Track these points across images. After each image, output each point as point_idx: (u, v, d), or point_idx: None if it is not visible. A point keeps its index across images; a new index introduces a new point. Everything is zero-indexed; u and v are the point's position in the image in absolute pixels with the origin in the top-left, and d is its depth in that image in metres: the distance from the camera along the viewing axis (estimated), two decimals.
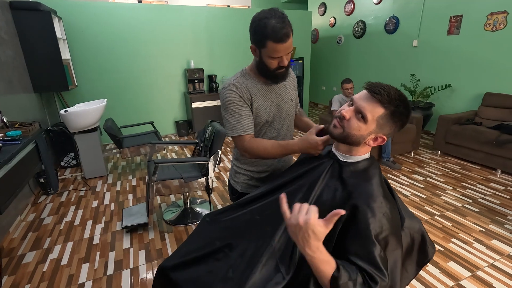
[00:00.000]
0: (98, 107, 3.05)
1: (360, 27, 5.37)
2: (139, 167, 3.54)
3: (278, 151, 1.05)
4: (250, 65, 1.14)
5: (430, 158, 3.57)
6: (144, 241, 2.12)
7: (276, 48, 0.96)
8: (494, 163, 3.10)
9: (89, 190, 2.93)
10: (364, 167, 0.84)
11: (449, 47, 3.97)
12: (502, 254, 1.90)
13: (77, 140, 3.04)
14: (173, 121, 4.90)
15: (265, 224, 0.91)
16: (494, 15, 3.43)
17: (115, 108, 4.29)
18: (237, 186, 1.28)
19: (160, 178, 2.14)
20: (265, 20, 0.93)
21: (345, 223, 0.77)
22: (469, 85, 3.80)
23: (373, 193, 0.76)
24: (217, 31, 4.74)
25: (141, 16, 4.18)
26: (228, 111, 1.08)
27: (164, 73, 4.57)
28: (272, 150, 1.05)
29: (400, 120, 0.78)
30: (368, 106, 0.77)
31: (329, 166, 0.89)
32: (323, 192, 0.84)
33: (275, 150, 1.05)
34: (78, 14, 3.83)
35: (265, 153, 1.07)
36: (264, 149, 1.06)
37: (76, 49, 3.93)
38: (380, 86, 0.76)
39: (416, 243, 0.83)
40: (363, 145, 0.83)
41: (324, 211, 0.81)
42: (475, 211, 2.40)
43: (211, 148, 2.21)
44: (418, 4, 4.27)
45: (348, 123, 0.81)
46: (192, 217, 2.44)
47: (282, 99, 1.16)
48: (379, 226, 0.72)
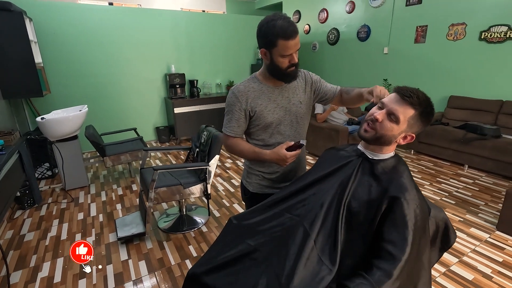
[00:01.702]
0: (79, 114, 2.89)
1: (334, 34, 5.64)
2: (123, 176, 3.39)
3: (251, 156, 1.18)
4: (260, 70, 1.20)
5: (406, 157, 3.85)
6: (143, 251, 2.04)
7: (287, 45, 1.02)
8: (462, 159, 3.43)
9: (72, 202, 2.75)
10: (393, 164, 0.92)
11: (416, 54, 4.32)
12: (481, 240, 2.11)
13: (56, 149, 2.84)
14: (153, 127, 4.76)
15: (300, 221, 0.94)
16: (455, 26, 3.81)
17: (93, 115, 4.07)
18: (249, 187, 1.31)
19: (158, 185, 2.08)
20: (273, 22, 1.01)
21: (383, 214, 0.83)
22: (436, 89, 4.16)
23: (407, 186, 0.83)
24: (197, 36, 4.72)
25: (114, 18, 4.04)
26: (226, 108, 1.20)
27: (144, 78, 4.44)
28: (246, 153, 1.18)
29: (427, 119, 0.87)
30: (400, 108, 0.85)
31: (359, 164, 0.96)
32: (358, 188, 0.90)
33: (249, 155, 1.18)
34: (49, 16, 3.62)
35: (240, 154, 1.21)
36: (240, 151, 1.19)
37: (48, 53, 3.69)
38: (410, 90, 0.84)
39: (440, 230, 0.92)
40: (393, 143, 0.91)
41: (362, 205, 0.87)
42: (452, 203, 2.64)
43: (209, 153, 2.20)
44: (388, 14, 4.60)
45: (380, 125, 0.88)
46: (188, 224, 2.40)
47: (289, 101, 1.20)
48: (414, 216, 0.79)
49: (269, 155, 1.11)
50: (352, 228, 0.87)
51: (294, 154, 1.07)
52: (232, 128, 1.18)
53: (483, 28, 3.53)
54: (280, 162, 1.09)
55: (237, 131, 1.18)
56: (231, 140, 1.20)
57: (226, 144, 1.23)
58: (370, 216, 0.84)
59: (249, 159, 1.24)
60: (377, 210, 0.83)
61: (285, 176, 1.28)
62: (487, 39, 3.51)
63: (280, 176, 1.28)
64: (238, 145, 1.19)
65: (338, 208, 0.89)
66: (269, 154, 1.11)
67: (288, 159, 1.06)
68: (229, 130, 1.18)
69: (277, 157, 1.08)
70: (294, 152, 1.07)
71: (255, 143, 1.22)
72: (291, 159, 1.07)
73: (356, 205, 0.88)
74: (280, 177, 1.28)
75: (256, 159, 1.17)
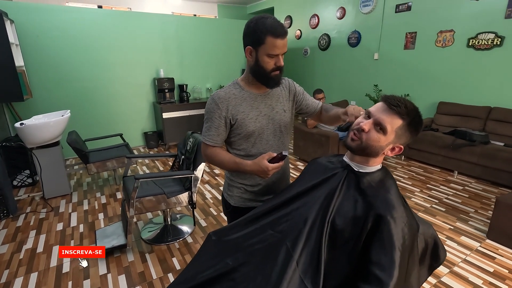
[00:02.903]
0: (60, 119, 2.78)
1: (325, 40, 5.65)
2: (108, 183, 3.28)
3: (231, 167, 1.11)
4: (243, 75, 1.15)
5: (396, 163, 3.83)
6: (123, 264, 1.94)
7: (275, 43, 0.98)
8: (451, 165, 3.42)
9: (51, 212, 2.63)
10: (380, 178, 0.86)
11: (406, 60, 4.34)
12: (471, 249, 2.08)
13: (36, 156, 2.72)
14: (141, 133, 4.65)
15: (282, 239, 0.88)
16: (443, 33, 3.85)
17: (77, 120, 3.95)
18: (231, 200, 1.24)
19: (140, 195, 2.00)
20: (263, 20, 0.98)
21: (369, 233, 0.77)
22: (425, 94, 4.18)
23: (394, 203, 0.78)
24: (187, 40, 4.66)
25: (101, 22, 3.95)
26: (206, 116, 1.13)
27: (132, 82, 4.34)
28: (226, 164, 1.11)
29: (416, 130, 0.82)
30: (387, 118, 0.80)
31: (344, 177, 0.90)
32: (343, 203, 0.84)
33: (229, 166, 1.11)
34: (33, 18, 3.50)
35: (220, 165, 1.14)
36: (220, 161, 1.12)
37: (31, 56, 3.57)
38: (397, 99, 0.80)
39: (429, 247, 0.87)
40: (380, 155, 0.86)
41: (347, 222, 0.82)
42: (442, 210, 2.61)
43: (194, 160, 2.13)
44: (378, 21, 4.63)
45: (367, 135, 0.83)
46: (174, 234, 2.31)
47: (273, 109, 1.15)
48: (402, 236, 0.74)
49: (251, 166, 1.04)
50: (337, 246, 0.81)
51: (277, 166, 1.01)
52: (211, 137, 1.11)
53: (471, 35, 3.56)
54: (262, 174, 1.03)
55: (216, 140, 1.11)
56: (210, 149, 1.13)
57: (205, 153, 1.16)
58: (355, 234, 0.79)
59: (230, 170, 1.17)
60: (363, 228, 0.78)
61: (268, 189, 1.21)
62: (475, 46, 3.54)
63: (263, 189, 1.21)
64: (218, 155, 1.12)
65: (322, 225, 0.83)
66: (250, 165, 1.04)
67: (270, 171, 1.00)
68: (208, 138, 1.11)
69: (259, 169, 1.02)
70: (276, 164, 1.01)
71: (236, 153, 1.15)
72: (273, 171, 1.01)
73: (340, 222, 0.82)
74: (263, 189, 1.21)
75: (237, 170, 1.10)
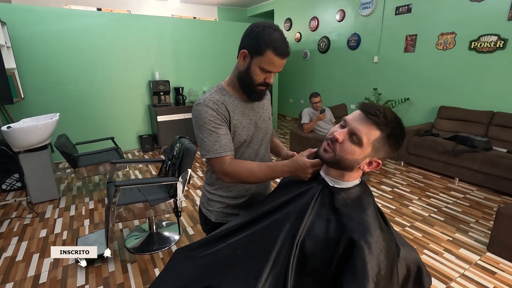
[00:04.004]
0: (48, 123, 2.72)
1: (325, 42, 5.57)
2: (98, 188, 3.21)
3: (265, 173, 0.93)
4: (227, 79, 1.05)
5: (395, 169, 3.72)
6: (103, 275, 1.86)
7: (274, 60, 0.90)
8: (452, 171, 3.30)
9: (37, 217, 2.56)
10: (357, 195, 0.77)
11: (406, 63, 4.24)
12: (470, 263, 1.96)
13: (23, 160, 2.67)
14: (136, 136, 4.59)
15: (249, 260, 0.80)
16: (444, 36, 3.74)
17: (70, 123, 3.91)
18: (211, 216, 1.13)
19: (122, 202, 1.92)
20: (270, 30, 0.89)
21: (341, 259, 0.68)
22: (425, 98, 4.07)
23: (370, 226, 0.69)
24: (183, 43, 4.60)
25: (97, 24, 3.90)
26: (203, 129, 0.95)
27: (127, 84, 4.29)
28: (258, 172, 0.93)
29: (396, 143, 0.73)
30: (364, 128, 0.71)
31: (318, 192, 0.81)
32: (315, 223, 0.75)
33: (262, 173, 0.93)
34: (26, 20, 3.46)
35: (250, 176, 0.94)
36: (249, 171, 0.94)
37: (24, 58, 3.53)
38: (376, 107, 0.71)
39: (412, 274, 0.77)
40: (356, 169, 0.77)
41: (318, 245, 0.73)
42: (441, 220, 2.50)
43: (179, 166, 2.05)
44: (377, 23, 4.53)
45: (341, 146, 0.74)
46: (159, 243, 2.23)
47: (260, 117, 1.08)
48: (377, 264, 0.65)
49: (289, 166, 0.89)
50: (305, 272, 0.72)
51: (315, 162, 0.84)
52: (224, 147, 0.94)
53: (473, 37, 3.46)
54: (300, 173, 0.87)
55: (231, 148, 0.96)
56: (229, 162, 0.94)
57: (225, 171, 0.94)
58: (326, 260, 0.70)
59: (263, 180, 0.96)
60: (334, 253, 0.69)
61: (254, 200, 1.12)
62: (477, 48, 3.43)
63: (248, 201, 1.12)
64: (244, 166, 0.94)
65: (291, 248, 0.74)
66: (288, 165, 0.90)
67: (308, 168, 0.85)
68: (222, 150, 0.94)
69: (297, 167, 0.87)
70: (314, 160, 0.84)
71: None
72: (312, 169, 0.85)
73: (310, 245, 0.73)
74: (248, 201, 1.12)
75: (273, 176, 0.93)
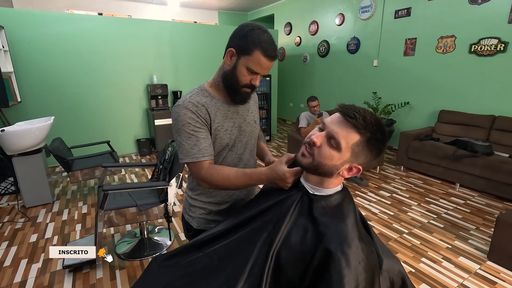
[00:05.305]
0: (42, 126, 2.70)
1: (324, 46, 5.55)
2: (92, 192, 3.19)
3: (242, 180, 0.89)
4: (210, 80, 1.01)
5: (395, 174, 3.65)
6: (90, 281, 1.82)
7: (261, 61, 0.87)
8: (453, 177, 3.23)
9: (28, 221, 2.53)
10: (337, 202, 0.73)
11: (406, 67, 4.19)
12: (470, 272, 1.89)
13: (16, 163, 2.65)
14: (134, 139, 4.58)
15: (224, 272, 0.76)
16: (444, 39, 3.70)
17: (67, 127, 3.90)
18: (193, 222, 1.09)
19: (111, 207, 1.88)
20: (259, 31, 0.88)
21: (316, 272, 0.64)
22: (426, 102, 4.01)
23: (348, 236, 0.64)
24: (182, 47, 4.60)
25: (98, 28, 3.91)
26: (181, 133, 0.91)
27: (125, 88, 4.29)
28: (235, 180, 0.90)
29: (376, 148, 0.69)
30: (342, 131, 0.67)
31: (297, 200, 0.77)
32: (291, 232, 0.71)
33: (239, 180, 0.89)
34: (23, 24, 3.48)
35: (227, 183, 0.91)
36: (226, 178, 0.90)
37: (21, 62, 3.54)
38: (355, 109, 0.67)
39: (396, 287, 0.73)
40: (336, 175, 0.72)
41: (293, 256, 0.68)
42: (440, 227, 2.43)
43: (170, 170, 2.01)
44: (377, 27, 4.50)
45: (319, 150, 0.70)
46: (150, 248, 2.18)
47: (244, 120, 1.04)
48: (355, 278, 0.60)
49: (266, 174, 0.85)
50: (280, 286, 0.68)
51: (296, 171, 0.80)
52: (203, 151, 0.91)
53: (473, 40, 3.41)
54: (279, 182, 0.83)
55: (210, 152, 0.93)
56: (207, 168, 0.92)
57: (202, 176, 0.92)
58: (301, 273, 0.65)
59: (240, 187, 0.92)
60: (310, 266, 0.64)
61: (235, 208, 1.08)
62: (477, 52, 3.38)
63: (230, 207, 1.08)
64: (221, 172, 0.91)
65: (266, 259, 0.70)
66: (266, 173, 0.85)
67: (287, 178, 0.80)
68: (200, 154, 0.91)
69: (276, 176, 0.82)
70: (294, 169, 0.80)
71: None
72: (291, 179, 0.81)
73: (286, 256, 0.69)
74: (230, 208, 1.08)
75: (250, 183, 0.90)
